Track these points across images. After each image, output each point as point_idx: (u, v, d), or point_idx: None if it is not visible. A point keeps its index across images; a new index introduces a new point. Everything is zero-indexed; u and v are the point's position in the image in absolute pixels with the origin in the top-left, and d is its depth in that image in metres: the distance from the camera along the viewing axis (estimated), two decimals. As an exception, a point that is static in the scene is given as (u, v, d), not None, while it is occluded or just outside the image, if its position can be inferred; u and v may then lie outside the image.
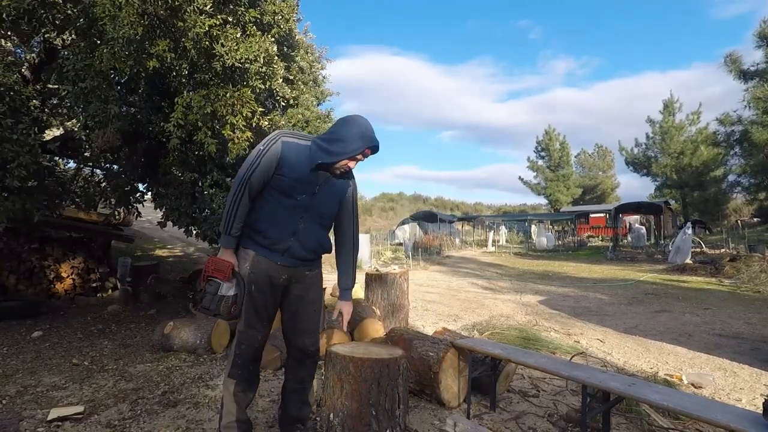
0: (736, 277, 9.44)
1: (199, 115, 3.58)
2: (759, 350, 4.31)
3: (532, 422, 2.58)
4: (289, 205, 2.03)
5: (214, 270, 1.95)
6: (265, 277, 2.04)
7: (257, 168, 1.95)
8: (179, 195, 4.58)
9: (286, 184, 1.99)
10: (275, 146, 1.98)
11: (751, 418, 1.65)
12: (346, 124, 2.03)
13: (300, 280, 2.14)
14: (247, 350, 2.08)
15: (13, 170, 3.82)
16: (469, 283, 9.63)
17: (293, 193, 2.01)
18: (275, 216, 2.03)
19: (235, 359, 2.09)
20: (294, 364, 2.24)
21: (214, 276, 1.95)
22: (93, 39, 3.93)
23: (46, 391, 3.03)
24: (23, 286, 6.11)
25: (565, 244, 23.52)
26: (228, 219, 1.97)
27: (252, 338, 2.08)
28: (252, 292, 2.02)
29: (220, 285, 1.94)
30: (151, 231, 13.14)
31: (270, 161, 1.96)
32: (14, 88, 3.96)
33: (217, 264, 1.96)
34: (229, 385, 2.09)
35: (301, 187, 2.02)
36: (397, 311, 4.47)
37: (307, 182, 2.03)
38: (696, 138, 24.30)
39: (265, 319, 2.10)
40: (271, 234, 2.03)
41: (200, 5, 3.45)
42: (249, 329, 2.06)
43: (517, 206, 56.91)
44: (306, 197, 2.04)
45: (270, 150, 1.97)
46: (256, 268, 2.03)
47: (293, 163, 1.99)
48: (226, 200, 2.02)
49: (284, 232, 2.04)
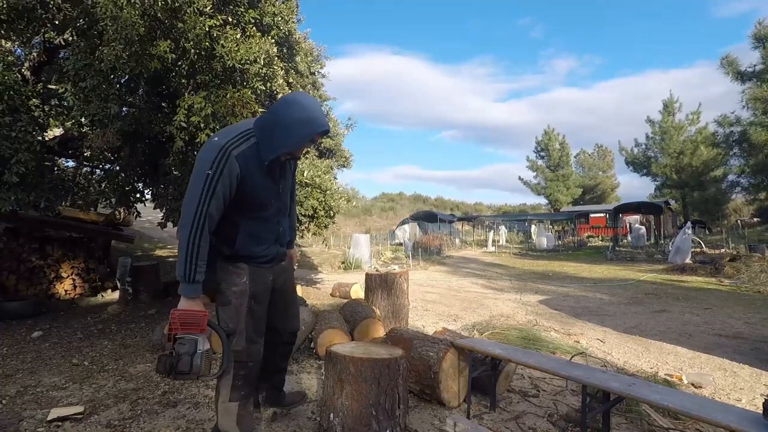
0: (736, 277, 9.44)
1: (200, 117, 3.58)
2: (759, 350, 4.31)
3: (532, 422, 2.58)
4: (267, 217, 1.91)
5: (184, 325, 1.65)
6: (262, 287, 1.98)
7: (212, 197, 1.66)
8: (179, 195, 4.58)
9: (254, 198, 1.81)
10: (228, 166, 1.68)
11: (751, 418, 1.65)
12: (287, 105, 1.74)
13: (279, 273, 2.12)
14: (254, 367, 1.98)
15: (11, 167, 3.83)
16: (469, 283, 9.63)
17: (265, 202, 1.88)
18: (255, 234, 1.90)
19: (237, 382, 1.91)
20: (283, 348, 2.31)
21: (188, 332, 1.66)
22: (93, 39, 3.93)
23: (46, 391, 3.03)
24: (23, 286, 6.10)
25: (565, 244, 23.51)
26: (189, 265, 1.64)
27: (257, 353, 1.99)
28: (252, 307, 1.93)
29: (196, 341, 1.65)
30: (151, 231, 13.14)
31: (227, 184, 1.69)
32: (14, 87, 3.96)
33: (187, 317, 1.66)
34: (231, 410, 1.91)
35: (267, 195, 1.87)
36: (397, 311, 4.47)
37: (269, 187, 1.86)
38: (696, 138, 24.31)
39: (262, 329, 2.03)
40: (259, 251, 1.93)
41: (200, 6, 3.45)
42: (252, 344, 1.96)
43: (517, 206, 56.95)
44: (275, 201, 1.93)
45: (223, 172, 1.67)
46: (254, 281, 1.93)
47: (253, 174, 1.77)
48: (180, 240, 1.66)
49: (268, 242, 1.97)
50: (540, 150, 36.45)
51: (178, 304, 1.69)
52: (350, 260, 12.60)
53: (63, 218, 6.37)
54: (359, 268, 12.24)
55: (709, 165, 23.57)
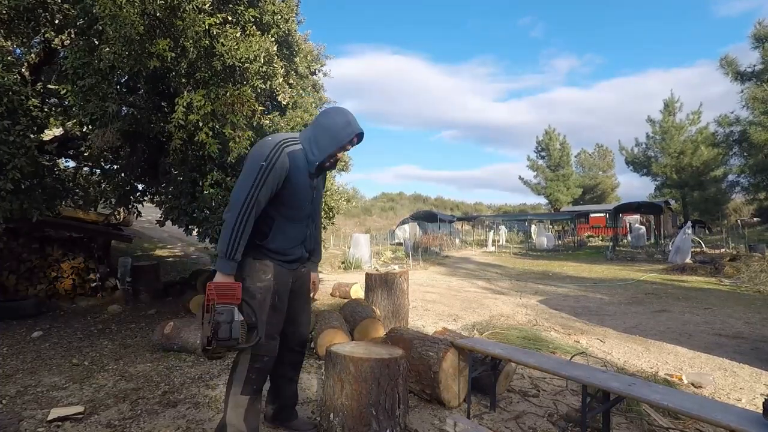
0: (736, 276, 9.44)
1: (199, 115, 3.57)
2: (759, 350, 4.30)
3: (532, 422, 2.58)
4: (298, 217, 2.03)
5: (221, 295, 1.76)
6: (284, 285, 2.06)
7: (263, 186, 1.83)
8: (179, 194, 4.58)
9: (294, 196, 1.96)
10: (281, 160, 1.86)
11: (751, 418, 1.65)
12: (328, 115, 2.00)
13: (299, 278, 2.19)
14: (269, 362, 2.04)
15: (7, 173, 3.81)
16: (469, 283, 9.63)
17: (300, 204, 2.00)
18: (286, 232, 2.01)
19: (251, 375, 1.96)
20: (292, 356, 2.27)
21: (224, 302, 1.75)
22: (92, 39, 3.93)
23: (46, 391, 3.02)
24: (23, 286, 6.11)
25: (565, 244, 23.51)
26: (232, 243, 1.80)
27: (273, 349, 2.04)
28: (275, 304, 2.01)
29: (233, 309, 1.75)
30: (151, 231, 13.14)
31: (277, 177, 1.86)
32: (13, 88, 3.95)
33: (223, 288, 1.78)
34: (241, 403, 1.96)
35: (305, 197, 2.02)
36: (397, 311, 4.47)
37: (308, 189, 2.02)
38: (696, 138, 24.30)
39: (280, 327, 2.10)
40: (287, 249, 2.03)
41: (199, 4, 3.44)
42: (271, 340, 2.02)
43: (517, 206, 56.94)
44: (308, 205, 2.06)
45: (276, 164, 1.84)
46: (278, 279, 2.01)
47: (299, 174, 1.94)
48: (226, 220, 1.83)
49: (296, 243, 2.07)
50: (540, 150, 36.46)
51: (214, 278, 1.82)
52: (350, 260, 12.60)
53: (63, 218, 6.36)
54: (359, 268, 12.24)
55: (709, 165, 23.58)
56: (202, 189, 4.52)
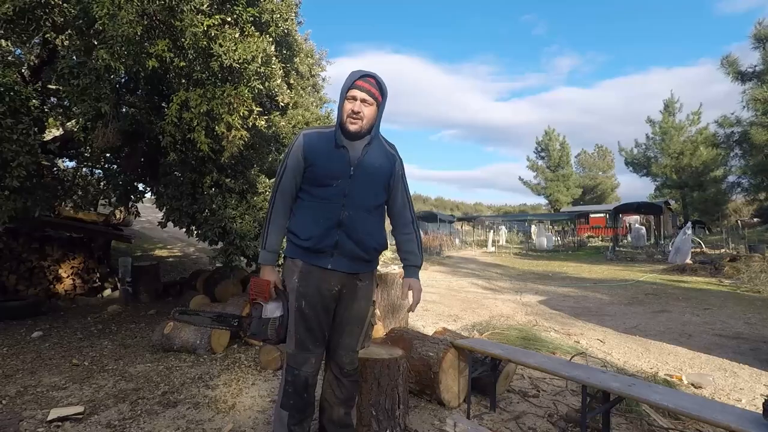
0: (736, 277, 9.44)
1: (194, 114, 3.56)
2: (759, 350, 4.31)
3: (532, 422, 2.58)
4: (327, 195, 1.84)
5: (257, 293, 1.86)
6: (314, 289, 1.84)
7: (285, 170, 1.89)
8: (179, 195, 4.58)
9: (319, 172, 1.85)
10: (297, 141, 1.90)
11: (751, 418, 1.65)
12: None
13: (350, 291, 1.92)
14: (299, 376, 1.85)
15: (12, 170, 3.82)
16: (469, 283, 9.63)
17: (328, 179, 1.84)
18: (313, 211, 1.85)
19: (287, 387, 1.87)
20: (332, 378, 1.99)
21: (255, 297, 1.86)
22: (90, 39, 3.92)
23: (46, 391, 3.02)
24: (23, 286, 6.11)
25: (565, 245, 23.51)
26: (264, 232, 1.89)
27: (305, 361, 1.86)
28: (302, 308, 1.83)
29: (263, 307, 1.83)
30: (151, 231, 13.13)
31: (296, 158, 1.88)
32: (14, 88, 3.95)
33: (257, 284, 1.86)
34: (282, 417, 1.89)
35: (335, 171, 1.85)
36: (397, 311, 4.47)
37: (339, 162, 1.85)
38: (696, 138, 24.30)
39: (319, 338, 1.88)
40: (313, 232, 1.82)
41: (197, 4, 3.44)
42: (301, 352, 1.85)
43: (517, 206, 57.02)
44: (342, 181, 1.84)
45: (293, 148, 1.90)
46: (304, 280, 1.84)
47: (319, 148, 1.87)
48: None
49: (327, 225, 1.82)
50: (540, 150, 36.49)
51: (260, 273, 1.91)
52: (350, 260, 12.55)
53: (63, 218, 6.37)
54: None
55: (709, 165, 23.57)
56: (202, 190, 4.52)
